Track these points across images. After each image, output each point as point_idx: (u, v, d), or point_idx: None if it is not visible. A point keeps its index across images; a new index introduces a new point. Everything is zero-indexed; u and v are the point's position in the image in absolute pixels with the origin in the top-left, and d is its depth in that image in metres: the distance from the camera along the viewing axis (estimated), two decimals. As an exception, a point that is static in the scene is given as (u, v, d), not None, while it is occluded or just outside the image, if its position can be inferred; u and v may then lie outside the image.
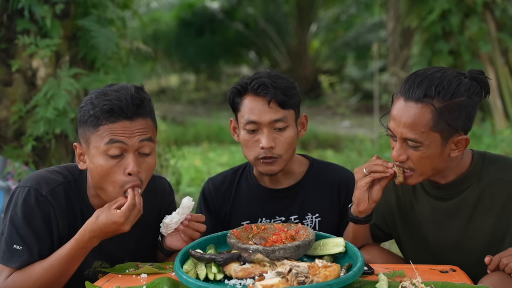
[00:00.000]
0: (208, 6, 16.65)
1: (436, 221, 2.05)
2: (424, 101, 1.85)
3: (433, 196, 2.05)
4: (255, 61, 17.47)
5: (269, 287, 1.56)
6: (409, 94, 1.88)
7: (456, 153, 1.92)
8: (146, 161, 1.92)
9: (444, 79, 1.86)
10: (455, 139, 1.90)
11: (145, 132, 1.90)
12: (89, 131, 1.89)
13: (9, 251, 1.91)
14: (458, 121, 1.87)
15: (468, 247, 2.01)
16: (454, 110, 1.86)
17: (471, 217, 1.99)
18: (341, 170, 2.44)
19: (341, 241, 1.90)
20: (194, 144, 10.17)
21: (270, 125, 2.22)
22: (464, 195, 1.99)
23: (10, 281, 1.90)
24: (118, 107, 1.85)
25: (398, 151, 1.92)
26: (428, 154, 1.89)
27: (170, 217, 1.98)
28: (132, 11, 4.37)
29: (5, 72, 3.68)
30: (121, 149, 1.87)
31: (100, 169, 1.88)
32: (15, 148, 3.64)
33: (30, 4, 3.59)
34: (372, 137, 8.99)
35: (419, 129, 1.86)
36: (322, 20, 16.57)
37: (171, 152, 5.30)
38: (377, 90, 9.76)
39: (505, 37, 7.58)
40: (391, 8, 10.11)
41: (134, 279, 1.84)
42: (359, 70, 16.54)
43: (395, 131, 1.91)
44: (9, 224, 1.93)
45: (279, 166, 2.27)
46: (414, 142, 1.88)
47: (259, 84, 2.22)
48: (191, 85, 18.94)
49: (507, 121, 7.56)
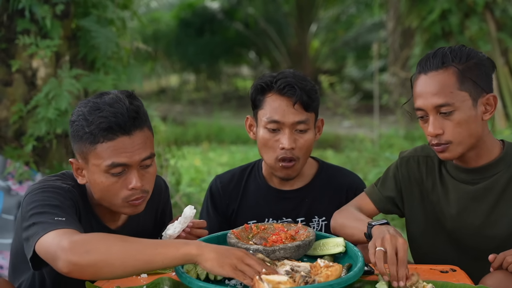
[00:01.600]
0: (208, 6, 16.65)
1: (459, 205, 2.04)
2: (444, 66, 1.92)
3: (459, 180, 2.04)
4: (255, 61, 17.47)
5: (275, 283, 1.56)
6: (427, 67, 1.94)
7: (488, 115, 1.95)
8: (148, 172, 1.90)
9: (454, 49, 1.95)
10: (483, 100, 1.94)
11: (145, 147, 1.86)
12: (86, 148, 1.84)
13: (55, 223, 1.70)
14: (481, 79, 1.93)
15: (489, 233, 2.01)
16: (474, 69, 1.92)
17: (497, 202, 2.00)
18: (351, 175, 2.43)
19: (341, 241, 1.90)
20: (194, 144, 10.17)
21: (292, 126, 2.20)
22: (492, 180, 2.00)
23: (79, 238, 1.65)
24: (116, 124, 1.80)
25: (433, 124, 1.93)
26: (464, 118, 1.90)
27: (173, 228, 1.95)
28: (132, 11, 4.37)
29: (5, 72, 3.69)
30: (123, 167, 1.84)
31: (102, 186, 1.85)
32: (16, 148, 3.64)
33: (31, 4, 3.59)
34: (372, 137, 8.99)
35: (448, 90, 1.90)
36: (322, 20, 16.57)
37: (171, 152, 5.30)
38: (377, 90, 9.76)
39: (505, 37, 7.57)
40: (391, 8, 10.11)
41: (134, 279, 1.84)
42: (359, 70, 16.55)
43: (424, 105, 1.93)
44: (33, 205, 1.76)
45: (296, 171, 2.26)
46: (447, 106, 1.90)
47: (285, 84, 2.20)
48: (191, 85, 18.94)
49: (507, 121, 7.56)
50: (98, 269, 1.61)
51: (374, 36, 14.23)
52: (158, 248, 1.63)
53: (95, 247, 1.62)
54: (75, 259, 1.60)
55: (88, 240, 1.65)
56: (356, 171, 5.12)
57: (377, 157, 7.20)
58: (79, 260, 1.60)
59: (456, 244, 2.07)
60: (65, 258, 1.61)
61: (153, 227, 2.16)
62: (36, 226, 1.72)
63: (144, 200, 1.91)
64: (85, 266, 1.61)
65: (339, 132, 10.52)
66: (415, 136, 8.31)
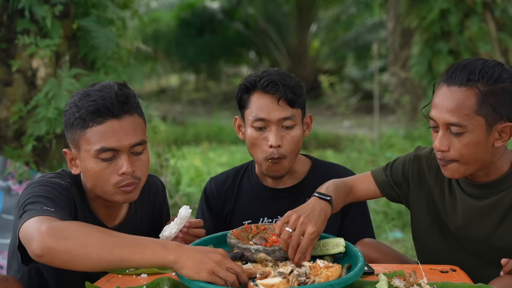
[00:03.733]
0: (208, 6, 16.67)
1: (465, 217, 2.00)
2: (468, 85, 1.81)
3: (467, 193, 1.99)
4: (255, 61, 17.48)
5: (270, 286, 1.56)
6: (452, 79, 1.84)
7: (500, 143, 1.86)
8: (139, 159, 1.90)
9: (486, 66, 1.84)
10: (499, 127, 1.83)
11: (135, 133, 1.86)
12: (77, 135, 1.86)
13: (42, 211, 1.70)
14: (503, 106, 1.82)
15: (494, 245, 1.97)
16: (499, 95, 1.81)
17: (504, 217, 1.94)
18: (344, 170, 2.43)
19: (341, 241, 1.90)
20: (194, 144, 10.17)
21: (278, 123, 2.21)
22: (500, 196, 1.94)
23: (59, 224, 1.63)
24: (104, 106, 1.82)
25: (440, 139, 1.86)
26: (473, 141, 1.83)
27: (169, 229, 1.95)
28: (132, 11, 4.37)
29: (5, 72, 3.68)
30: (113, 152, 1.85)
31: (93, 172, 1.86)
32: (15, 148, 3.64)
33: (31, 4, 3.59)
34: (372, 137, 8.99)
35: (463, 111, 1.81)
36: (322, 20, 16.58)
37: (171, 152, 5.30)
38: (377, 90, 9.77)
39: (505, 37, 7.58)
40: (391, 8, 10.11)
41: (134, 279, 1.84)
42: (359, 70, 16.56)
43: (437, 118, 1.86)
44: (27, 197, 1.76)
45: (284, 169, 2.27)
46: (458, 127, 1.82)
47: (268, 82, 2.21)
48: (191, 85, 18.96)
49: (507, 121, 7.55)
50: (72, 257, 1.57)
51: (374, 36, 14.25)
52: (136, 248, 1.59)
53: (74, 235, 1.59)
54: (50, 243, 1.57)
55: (67, 227, 1.62)
56: (356, 171, 5.11)
57: (377, 157, 7.21)
58: (54, 244, 1.57)
59: (461, 249, 2.05)
60: (40, 240, 1.58)
61: (150, 227, 2.16)
62: (25, 214, 1.71)
63: (136, 187, 1.90)
64: (59, 252, 1.57)
65: (339, 132, 10.52)
66: (415, 136, 8.31)
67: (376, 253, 2.14)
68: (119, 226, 2.04)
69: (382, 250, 2.22)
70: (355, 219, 2.39)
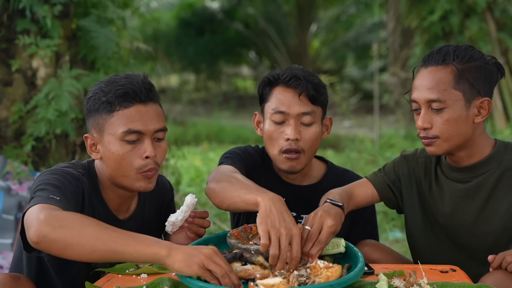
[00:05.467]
0: (208, 6, 16.67)
1: (452, 203, 2.07)
2: (444, 63, 1.95)
3: (452, 179, 2.07)
4: (255, 61, 17.49)
5: (270, 286, 1.56)
6: (428, 61, 1.98)
7: (479, 119, 1.96)
8: (160, 146, 1.96)
9: (459, 48, 1.97)
10: (477, 102, 1.94)
11: (159, 120, 1.93)
12: (102, 119, 1.90)
13: (47, 198, 1.74)
14: (479, 82, 1.94)
15: (481, 230, 2.03)
16: (474, 71, 1.93)
17: (488, 200, 2.01)
18: (357, 177, 2.42)
19: (341, 241, 1.90)
20: (194, 144, 10.18)
21: (297, 117, 2.21)
22: (483, 178, 2.02)
23: (58, 213, 1.67)
24: (132, 91, 1.88)
25: (422, 118, 1.96)
26: (453, 116, 1.93)
27: (175, 216, 1.98)
28: (133, 9, 4.37)
29: (5, 72, 3.69)
30: (138, 135, 1.90)
31: (117, 155, 1.90)
32: (15, 148, 3.64)
33: (31, 4, 3.59)
34: (372, 137, 8.99)
35: (442, 87, 1.92)
36: (322, 20, 16.58)
37: (171, 152, 5.30)
38: (377, 90, 9.77)
39: (505, 37, 7.57)
40: (391, 8, 10.12)
41: (134, 279, 1.84)
42: (359, 70, 16.58)
43: (418, 98, 1.96)
44: (38, 184, 1.81)
45: (301, 164, 2.24)
46: (438, 102, 1.92)
47: (291, 76, 2.21)
48: (191, 85, 18.96)
49: (507, 121, 7.56)
50: (67, 245, 1.61)
51: (374, 36, 14.25)
52: (131, 240, 1.63)
53: (70, 224, 1.63)
54: (46, 230, 1.61)
55: (65, 216, 1.66)
56: (356, 171, 5.11)
57: (377, 157, 7.21)
58: (49, 232, 1.61)
59: (452, 243, 2.10)
60: (38, 227, 1.62)
61: (157, 225, 2.16)
62: (32, 200, 1.76)
63: (155, 173, 1.95)
64: (54, 240, 1.61)
65: (339, 132, 10.52)
66: (415, 136, 8.31)
67: (377, 254, 2.15)
68: (129, 219, 2.07)
69: (382, 250, 2.22)
70: (365, 228, 2.40)
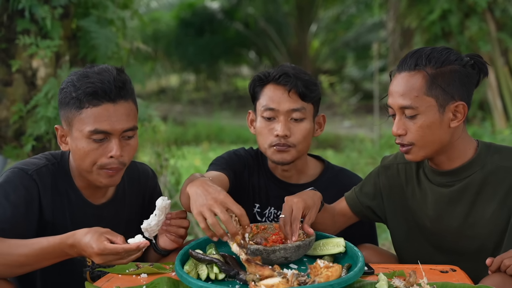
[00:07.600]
0: (208, 6, 16.65)
1: (437, 208, 2.04)
2: (416, 69, 1.91)
3: (435, 183, 2.04)
4: (255, 61, 17.46)
5: (270, 286, 1.56)
6: (402, 67, 1.95)
7: (455, 123, 1.93)
8: (129, 144, 1.95)
9: (434, 51, 1.94)
10: (452, 107, 1.91)
11: (128, 119, 1.92)
12: (71, 114, 1.90)
13: None
14: (452, 87, 1.90)
15: (468, 234, 2.01)
16: (447, 76, 1.90)
17: (473, 204, 1.99)
18: (354, 176, 2.44)
19: (341, 241, 1.91)
20: (194, 144, 10.17)
21: (287, 114, 2.23)
22: (467, 181, 1.99)
23: None
24: (101, 90, 1.87)
25: (397, 124, 1.95)
26: (426, 123, 1.91)
27: (148, 221, 1.93)
28: (132, 10, 4.37)
29: (5, 72, 3.69)
30: (105, 134, 1.90)
31: (82, 151, 1.91)
32: (15, 148, 3.64)
33: (31, 4, 3.59)
34: (372, 137, 8.99)
35: (413, 93, 1.90)
36: (322, 20, 16.56)
37: (171, 152, 5.30)
38: (377, 90, 9.76)
39: (505, 37, 7.58)
40: (391, 8, 10.10)
41: (134, 279, 1.84)
42: (359, 70, 16.55)
43: (392, 104, 1.95)
44: None
45: (291, 156, 2.26)
46: (410, 109, 1.90)
47: (281, 73, 2.24)
48: (191, 85, 18.94)
49: (507, 121, 7.56)
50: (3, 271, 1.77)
51: (374, 36, 14.24)
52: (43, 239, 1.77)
53: None
54: None
55: None
56: (356, 171, 5.12)
57: (377, 157, 7.20)
58: None
59: (439, 248, 2.07)
60: None
61: (141, 212, 2.16)
62: None
63: (119, 172, 1.95)
64: None
65: (339, 132, 10.52)
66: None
67: (376, 258, 2.13)
68: (106, 204, 2.08)
69: (381, 255, 2.22)
70: (363, 229, 2.41)
